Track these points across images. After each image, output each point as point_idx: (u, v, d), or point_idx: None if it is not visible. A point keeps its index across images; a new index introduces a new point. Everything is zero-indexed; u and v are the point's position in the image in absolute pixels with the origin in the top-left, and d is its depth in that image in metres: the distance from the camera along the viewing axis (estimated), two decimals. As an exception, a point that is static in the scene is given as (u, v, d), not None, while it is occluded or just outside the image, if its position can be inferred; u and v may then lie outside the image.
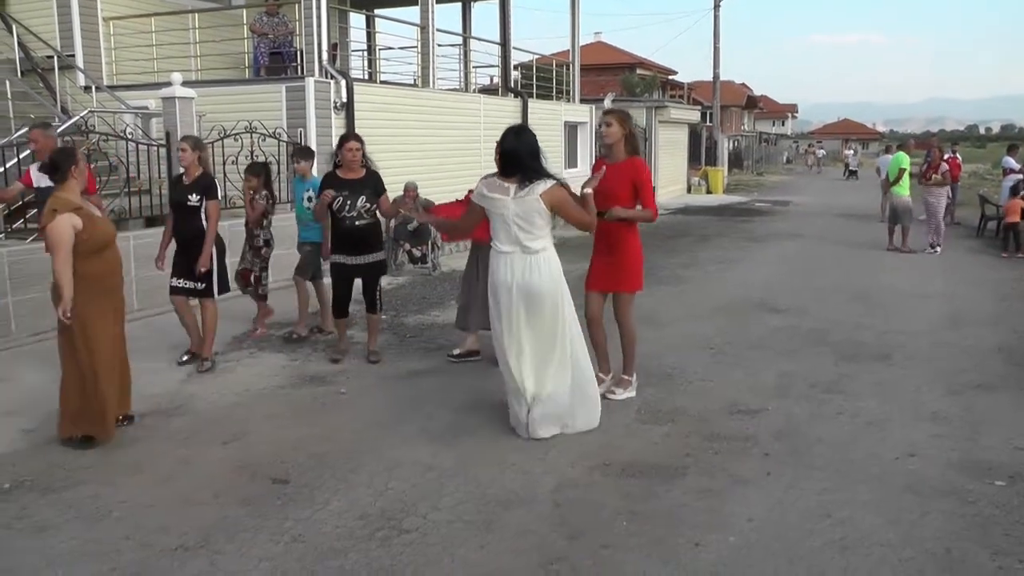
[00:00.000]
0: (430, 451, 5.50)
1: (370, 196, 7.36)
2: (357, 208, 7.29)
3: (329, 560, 4.11)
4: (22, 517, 4.58)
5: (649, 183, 6.38)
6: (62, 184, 5.55)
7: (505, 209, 5.50)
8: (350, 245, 7.41)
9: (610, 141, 6.38)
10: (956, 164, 21.03)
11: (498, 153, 5.66)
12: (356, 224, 7.33)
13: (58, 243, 5.31)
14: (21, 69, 12.46)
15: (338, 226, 7.39)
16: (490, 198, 5.57)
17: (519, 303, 5.55)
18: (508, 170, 5.56)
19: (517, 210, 5.48)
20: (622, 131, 6.34)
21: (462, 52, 17.63)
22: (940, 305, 10.39)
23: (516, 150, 5.57)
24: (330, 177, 7.46)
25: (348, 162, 7.36)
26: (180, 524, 4.49)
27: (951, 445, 5.65)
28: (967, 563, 4.11)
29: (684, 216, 22.44)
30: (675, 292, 11.18)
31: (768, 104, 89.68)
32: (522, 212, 5.48)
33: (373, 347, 7.81)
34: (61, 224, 5.32)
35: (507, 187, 5.51)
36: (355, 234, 7.37)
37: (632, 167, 6.31)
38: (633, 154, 6.40)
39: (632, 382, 6.67)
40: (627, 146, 6.38)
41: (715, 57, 35.31)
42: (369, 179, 7.45)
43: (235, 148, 10.73)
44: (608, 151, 6.47)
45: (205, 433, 5.89)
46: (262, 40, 13.51)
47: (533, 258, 5.55)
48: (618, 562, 4.10)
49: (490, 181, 5.63)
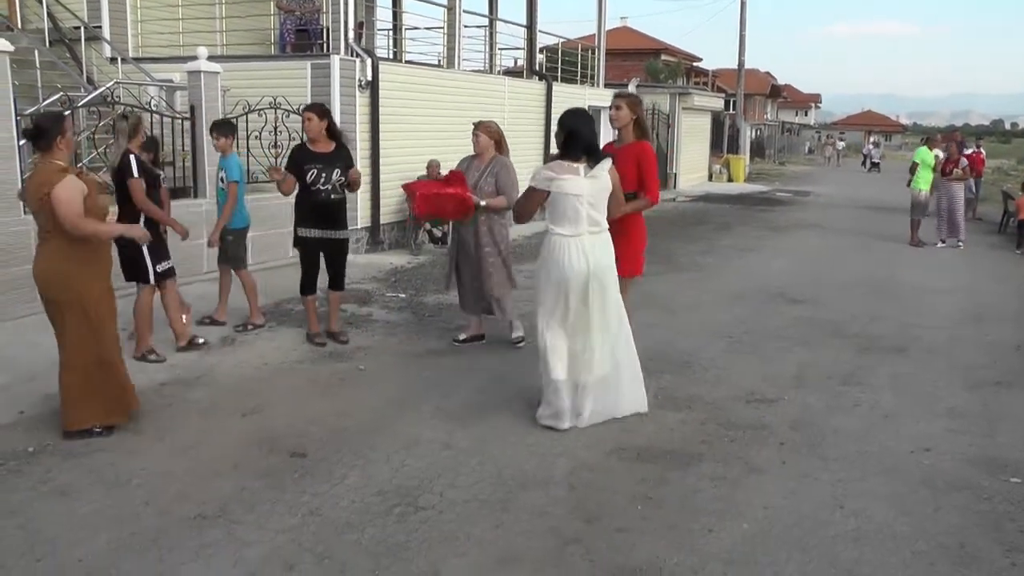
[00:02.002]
0: (447, 430, 5.54)
1: (343, 170, 7.27)
2: (332, 182, 7.20)
3: (346, 534, 4.16)
4: (46, 481, 4.66)
5: (653, 167, 6.33)
6: (48, 153, 5.15)
7: (579, 190, 5.42)
8: (322, 218, 7.28)
9: (619, 125, 6.39)
10: (980, 159, 20.86)
11: (561, 136, 5.60)
12: (331, 197, 7.25)
13: (72, 201, 4.96)
14: (49, 39, 12.51)
15: (310, 199, 7.23)
16: (561, 180, 5.42)
17: (595, 285, 5.48)
18: (576, 151, 5.49)
19: (591, 187, 5.45)
20: (631, 115, 6.34)
21: (488, 34, 17.57)
22: (959, 300, 10.34)
23: (583, 129, 5.54)
24: (301, 150, 7.33)
25: (307, 131, 7.22)
26: (199, 493, 4.56)
27: (967, 440, 5.65)
28: (980, 558, 4.12)
29: (705, 203, 22.37)
30: (694, 279, 11.18)
31: (792, 94, 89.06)
32: (595, 192, 5.47)
33: (334, 327, 7.67)
34: (71, 183, 5.00)
35: (576, 167, 5.45)
36: (329, 207, 7.27)
37: (638, 150, 6.30)
38: (642, 138, 6.39)
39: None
40: (636, 130, 6.37)
41: (740, 45, 35.08)
42: (341, 152, 7.35)
43: (259, 123, 10.77)
44: (617, 134, 6.48)
45: (224, 404, 5.95)
46: (288, 17, 13.52)
47: (602, 237, 5.54)
48: (632, 546, 4.13)
49: (554, 165, 5.51)
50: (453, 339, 7.71)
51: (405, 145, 12.85)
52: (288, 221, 8.11)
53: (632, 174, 6.23)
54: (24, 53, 10.77)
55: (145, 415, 5.67)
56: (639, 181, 6.27)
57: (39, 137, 5.16)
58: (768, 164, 44.83)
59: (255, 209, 10.30)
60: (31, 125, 5.42)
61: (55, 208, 4.96)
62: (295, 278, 7.56)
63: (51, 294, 5.19)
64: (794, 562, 4.03)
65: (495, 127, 7.35)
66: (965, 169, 15.52)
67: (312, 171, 7.15)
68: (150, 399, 5.96)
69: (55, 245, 5.11)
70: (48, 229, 5.11)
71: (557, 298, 5.52)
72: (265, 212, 10.49)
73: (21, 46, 10.61)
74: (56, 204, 4.94)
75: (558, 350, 5.54)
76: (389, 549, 4.03)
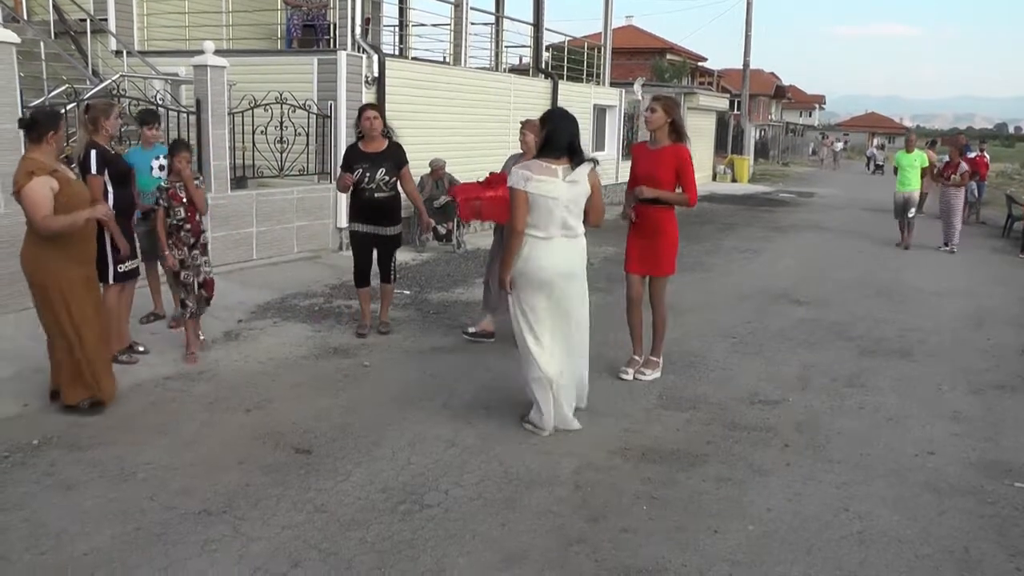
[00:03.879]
0: (452, 427, 5.54)
1: (390, 169, 7.42)
2: (376, 180, 7.36)
3: (351, 531, 4.16)
4: (51, 474, 4.66)
5: (691, 170, 6.46)
6: (36, 146, 5.31)
7: (556, 193, 5.23)
8: (370, 215, 7.50)
9: (652, 127, 6.44)
10: (984, 162, 20.84)
11: (542, 134, 5.45)
12: (376, 196, 7.41)
13: (37, 204, 5.15)
14: (55, 31, 12.50)
15: (359, 197, 7.47)
16: (539, 182, 5.22)
17: (566, 289, 5.39)
18: (556, 151, 5.32)
19: (568, 194, 5.29)
20: (666, 118, 6.37)
21: (494, 31, 17.55)
22: (963, 303, 10.33)
23: (568, 130, 5.38)
24: (352, 150, 7.56)
25: (367, 131, 7.41)
26: (204, 488, 4.56)
27: (971, 444, 5.64)
28: (984, 563, 4.12)
29: (709, 204, 22.34)
30: (698, 279, 11.17)
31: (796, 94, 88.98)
32: (572, 195, 5.31)
33: (385, 318, 7.92)
34: (39, 185, 5.15)
35: (555, 169, 5.26)
36: (374, 205, 7.45)
37: (675, 153, 6.39)
38: (678, 141, 6.44)
39: (659, 363, 6.79)
40: (672, 133, 6.42)
41: (746, 45, 35.03)
42: (390, 151, 7.51)
43: (265, 118, 10.77)
44: (651, 136, 6.53)
45: (229, 399, 5.95)
46: (295, 12, 13.52)
47: (576, 242, 5.43)
48: (637, 546, 4.13)
49: (532, 164, 5.33)
50: (463, 331, 7.74)
51: (411, 142, 12.69)
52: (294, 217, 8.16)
53: (670, 177, 6.39)
54: (30, 45, 10.75)
55: (150, 409, 5.69)
56: (675, 184, 6.42)
57: (31, 128, 5.34)
58: (772, 165, 44.80)
59: (259, 205, 10.34)
60: (27, 115, 5.53)
61: (23, 207, 5.24)
62: (299, 273, 7.59)
63: (30, 277, 5.44)
64: (799, 564, 4.03)
65: None
66: (964, 175, 15.31)
67: (359, 170, 7.34)
68: (155, 393, 5.98)
69: (33, 237, 5.38)
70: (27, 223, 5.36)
71: (534, 298, 5.38)
72: (270, 208, 10.51)
73: (27, 38, 10.59)
74: (24, 203, 5.21)
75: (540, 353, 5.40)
76: (394, 547, 4.03)
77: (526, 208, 5.27)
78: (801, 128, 68.07)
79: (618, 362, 6.82)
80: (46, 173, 5.21)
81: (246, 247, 10.13)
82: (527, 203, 5.26)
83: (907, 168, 15.33)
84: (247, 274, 9.00)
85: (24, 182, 5.14)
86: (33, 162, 5.24)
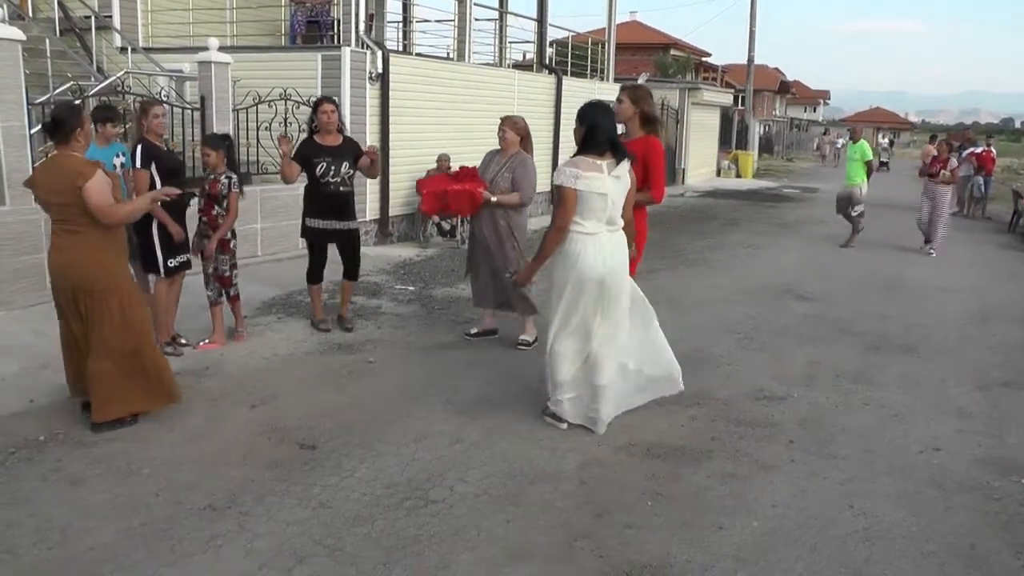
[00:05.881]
0: (457, 423, 5.55)
1: (351, 163, 7.38)
2: (341, 175, 7.31)
3: (356, 527, 4.17)
4: (57, 470, 4.67)
5: (660, 164, 6.11)
6: (66, 146, 5.13)
7: (605, 189, 5.17)
8: (329, 210, 7.40)
9: (621, 119, 6.14)
10: (990, 157, 20.78)
11: (581, 130, 5.33)
12: (340, 190, 7.36)
13: (104, 195, 5.00)
14: (60, 28, 12.51)
15: (320, 191, 7.34)
16: (587, 178, 5.15)
17: (608, 290, 5.31)
18: (600, 146, 5.23)
19: (615, 187, 5.24)
20: (633, 108, 6.12)
21: (498, 27, 17.54)
22: (968, 299, 10.31)
23: (604, 123, 5.30)
24: (308, 143, 7.41)
25: (324, 125, 7.32)
26: (209, 484, 4.57)
27: (976, 441, 5.64)
28: (991, 560, 4.11)
29: (713, 199, 22.35)
30: (702, 275, 11.16)
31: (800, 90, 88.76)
32: (619, 190, 5.26)
33: (345, 313, 7.82)
34: (103, 177, 5.04)
35: (600, 165, 5.20)
36: (338, 199, 7.38)
37: (644, 145, 6.03)
38: (650, 132, 6.15)
39: None
40: (643, 124, 6.15)
41: (750, 40, 34.94)
42: (349, 145, 7.47)
43: (269, 115, 10.77)
44: (624, 128, 6.26)
45: (234, 395, 5.96)
46: (299, 8, 13.52)
47: (617, 235, 5.36)
48: (642, 542, 4.13)
49: (579, 161, 5.23)
50: (465, 332, 7.71)
51: (415, 138, 12.84)
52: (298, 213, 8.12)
53: (636, 170, 6.08)
54: (35, 42, 10.76)
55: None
56: (644, 178, 5.97)
57: (56, 129, 5.12)
58: (776, 160, 44.75)
59: (264, 201, 10.35)
60: (48, 117, 5.34)
61: (89, 201, 4.97)
62: (304, 270, 7.58)
63: (88, 284, 5.14)
64: (804, 561, 4.03)
65: (522, 123, 7.29)
66: (954, 171, 14.18)
67: (321, 164, 7.24)
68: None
69: (88, 236, 5.11)
70: (77, 222, 5.08)
71: (573, 297, 5.33)
72: (274, 203, 10.51)
73: (32, 35, 10.61)
74: (90, 198, 4.95)
75: (566, 353, 5.42)
76: (399, 542, 4.04)
77: (575, 207, 5.22)
78: (806, 123, 67.95)
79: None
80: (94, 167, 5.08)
81: (251, 243, 10.13)
82: (576, 201, 5.20)
83: (849, 160, 14.50)
84: (252, 270, 8.98)
85: (90, 173, 4.95)
86: (78, 159, 5.09)
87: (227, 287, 7.06)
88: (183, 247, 6.84)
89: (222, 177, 6.88)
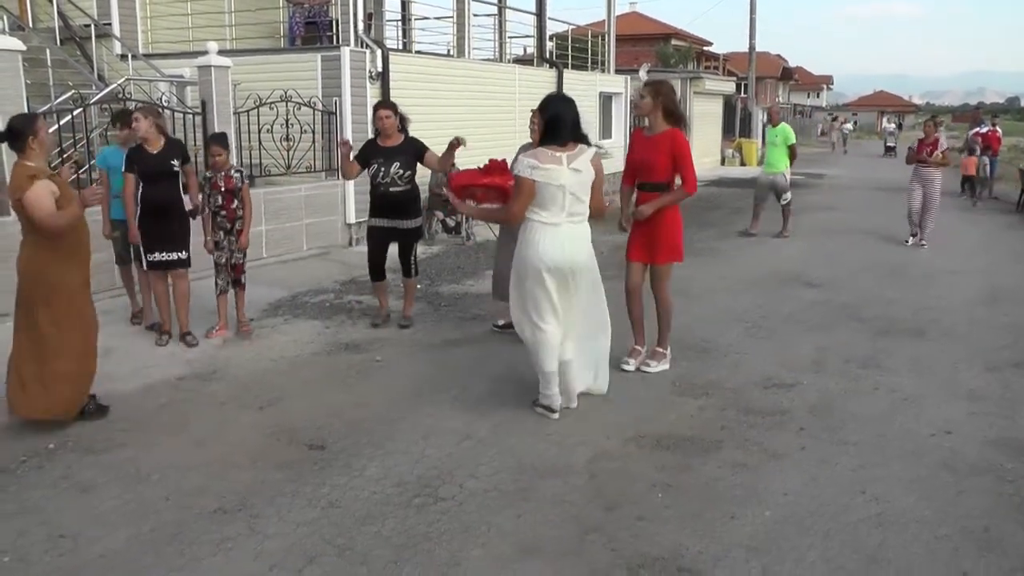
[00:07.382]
0: (466, 420, 5.54)
1: (405, 163, 7.45)
2: (391, 175, 7.41)
3: (366, 526, 4.16)
4: (67, 477, 4.68)
5: (688, 156, 6.26)
6: (22, 155, 5.16)
7: (562, 179, 5.21)
8: (386, 209, 7.58)
9: (641, 113, 6.39)
10: (996, 137, 20.69)
11: (543, 119, 5.40)
12: (391, 191, 7.46)
13: (41, 203, 5.01)
14: (60, 37, 12.53)
15: (374, 192, 7.55)
16: (544, 169, 5.20)
17: (575, 275, 5.37)
18: (560, 137, 5.29)
19: (573, 179, 5.26)
20: (654, 103, 6.25)
21: (497, 22, 17.50)
22: (977, 281, 10.26)
23: (568, 115, 5.35)
24: (369, 144, 7.64)
25: (381, 130, 7.51)
26: (218, 487, 4.56)
27: (988, 423, 5.60)
28: (1005, 542, 4.08)
29: (718, 188, 22.27)
30: (709, 264, 11.12)
31: (803, 76, 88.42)
32: (577, 180, 5.28)
33: (408, 313, 7.94)
34: (41, 188, 5.04)
35: (559, 156, 5.24)
36: (390, 199, 7.51)
37: (670, 138, 6.23)
38: (674, 125, 6.30)
39: (667, 355, 6.66)
40: (666, 118, 6.29)
41: (751, 28, 34.81)
42: (406, 145, 7.56)
43: (270, 117, 10.77)
44: (647, 122, 6.44)
45: (242, 398, 5.96)
46: (297, 9, 13.53)
47: (580, 228, 5.39)
48: (654, 534, 4.12)
49: (537, 152, 5.30)
50: (493, 324, 7.73)
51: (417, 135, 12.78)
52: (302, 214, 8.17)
53: (665, 163, 6.22)
54: (35, 52, 10.79)
55: (163, 410, 5.70)
56: (673, 171, 6.24)
57: (12, 139, 5.21)
58: (781, 147, 44.49)
59: (268, 203, 10.35)
60: (4, 127, 5.38)
61: (28, 213, 5.07)
62: (310, 270, 7.59)
63: (30, 286, 5.24)
64: (817, 548, 4.00)
65: None
66: (945, 152, 12.85)
67: (374, 166, 7.44)
68: (167, 394, 5.99)
69: (32, 240, 5.22)
70: (27, 228, 5.23)
71: (534, 285, 5.36)
72: (279, 205, 10.52)
73: (32, 45, 10.64)
74: (28, 209, 5.06)
75: (546, 341, 5.41)
76: (410, 540, 4.03)
77: (530, 197, 5.28)
78: (809, 109, 67.70)
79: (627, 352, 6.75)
80: (44, 177, 5.13)
81: (256, 245, 10.11)
82: (532, 192, 5.26)
83: (769, 146, 13.43)
84: (257, 272, 8.99)
85: (26, 186, 5.02)
86: (28, 168, 5.13)
87: (240, 274, 7.36)
88: (171, 245, 6.89)
89: (232, 172, 7.17)
